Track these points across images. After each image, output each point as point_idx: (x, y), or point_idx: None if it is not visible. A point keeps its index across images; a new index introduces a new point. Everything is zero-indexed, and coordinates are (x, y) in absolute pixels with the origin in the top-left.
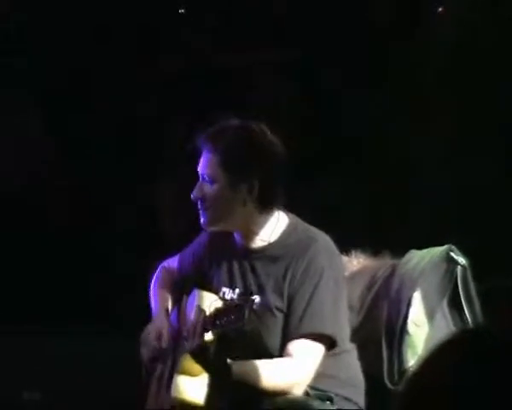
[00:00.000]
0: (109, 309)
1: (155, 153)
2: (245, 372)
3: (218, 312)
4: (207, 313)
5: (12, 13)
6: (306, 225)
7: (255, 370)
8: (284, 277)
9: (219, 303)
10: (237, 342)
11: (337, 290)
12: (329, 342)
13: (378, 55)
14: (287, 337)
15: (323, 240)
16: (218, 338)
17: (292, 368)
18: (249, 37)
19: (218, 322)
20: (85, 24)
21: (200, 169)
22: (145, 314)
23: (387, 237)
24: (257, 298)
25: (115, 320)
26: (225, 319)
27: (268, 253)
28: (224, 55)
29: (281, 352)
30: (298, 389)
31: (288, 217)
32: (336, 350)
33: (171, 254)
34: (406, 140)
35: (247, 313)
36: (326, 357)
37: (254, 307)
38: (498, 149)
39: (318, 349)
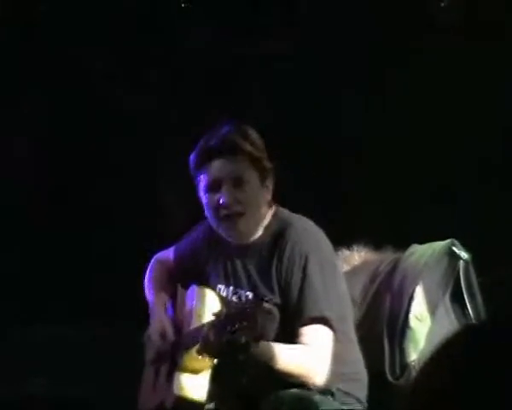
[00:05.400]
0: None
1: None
2: (266, 353)
3: (228, 317)
4: (216, 317)
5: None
6: (287, 213)
7: (276, 351)
8: (269, 268)
9: (223, 307)
10: None
11: (325, 273)
12: (327, 324)
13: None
14: (291, 330)
15: (301, 223)
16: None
17: (308, 354)
18: (247, 33)
19: (228, 328)
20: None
21: (221, 174)
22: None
23: (389, 232)
24: (267, 304)
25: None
26: (237, 325)
27: (256, 249)
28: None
29: None
30: (319, 377)
31: (275, 208)
32: (336, 337)
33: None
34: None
35: (260, 321)
36: None
37: (266, 313)
38: (498, 147)
39: (325, 333)
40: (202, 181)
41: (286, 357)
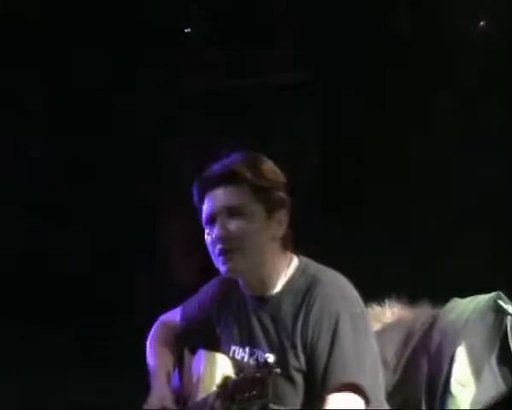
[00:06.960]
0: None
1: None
2: None
3: (236, 385)
4: (223, 386)
5: None
6: (316, 266)
7: None
8: (293, 328)
9: (236, 372)
10: None
11: (357, 335)
12: (360, 393)
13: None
14: (316, 399)
15: (329, 277)
16: None
17: None
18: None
19: (237, 398)
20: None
21: (221, 204)
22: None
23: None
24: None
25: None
26: (246, 394)
27: (275, 303)
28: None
29: None
30: None
31: (299, 259)
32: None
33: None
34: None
35: (270, 387)
36: None
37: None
38: None
39: (356, 402)
40: (203, 213)
41: None
